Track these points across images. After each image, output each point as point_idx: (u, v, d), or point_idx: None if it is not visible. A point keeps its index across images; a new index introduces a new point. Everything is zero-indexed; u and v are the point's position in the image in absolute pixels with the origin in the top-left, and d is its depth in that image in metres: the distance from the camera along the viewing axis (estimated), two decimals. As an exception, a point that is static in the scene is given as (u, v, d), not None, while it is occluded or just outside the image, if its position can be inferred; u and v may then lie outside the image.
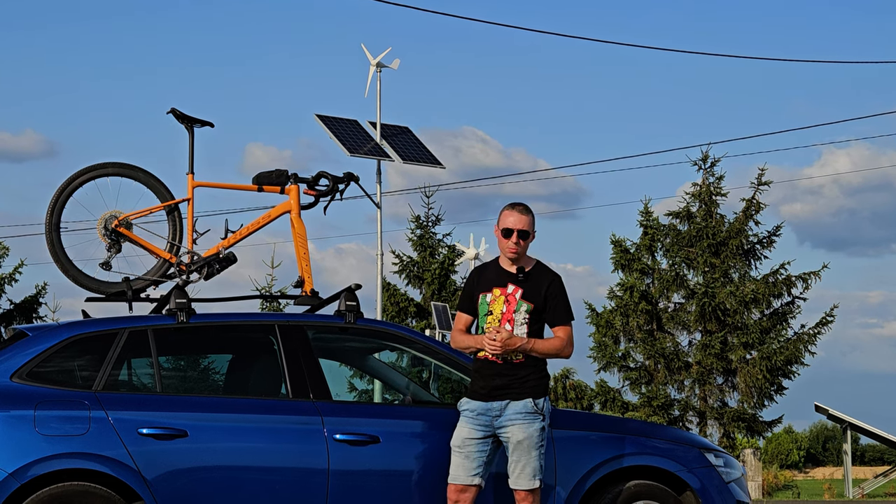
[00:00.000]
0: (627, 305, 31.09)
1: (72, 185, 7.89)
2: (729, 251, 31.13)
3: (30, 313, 31.84)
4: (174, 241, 7.98)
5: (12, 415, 6.94)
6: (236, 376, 8.07)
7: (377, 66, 23.03)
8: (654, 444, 7.84)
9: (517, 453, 7.14)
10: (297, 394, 7.41)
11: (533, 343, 7.18)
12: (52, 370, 7.19)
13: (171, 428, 7.10)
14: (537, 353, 7.20)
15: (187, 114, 8.02)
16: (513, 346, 7.12)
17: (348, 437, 7.31)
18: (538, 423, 7.16)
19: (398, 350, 8.41)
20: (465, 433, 7.20)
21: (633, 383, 31.36)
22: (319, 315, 7.95)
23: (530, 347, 7.17)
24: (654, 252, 31.78)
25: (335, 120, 21.96)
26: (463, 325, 7.41)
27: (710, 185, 31.61)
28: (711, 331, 30.82)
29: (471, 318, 7.41)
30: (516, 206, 7.33)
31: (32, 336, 7.35)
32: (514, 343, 7.12)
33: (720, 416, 30.91)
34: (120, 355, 7.32)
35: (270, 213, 8.12)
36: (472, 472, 7.16)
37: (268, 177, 8.10)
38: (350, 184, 8.28)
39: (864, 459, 69.97)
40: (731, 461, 8.12)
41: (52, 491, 6.88)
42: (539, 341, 7.21)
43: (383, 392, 17.49)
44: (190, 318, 7.49)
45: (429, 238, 33.72)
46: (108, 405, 7.08)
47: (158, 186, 8.02)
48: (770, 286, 30.97)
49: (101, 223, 7.87)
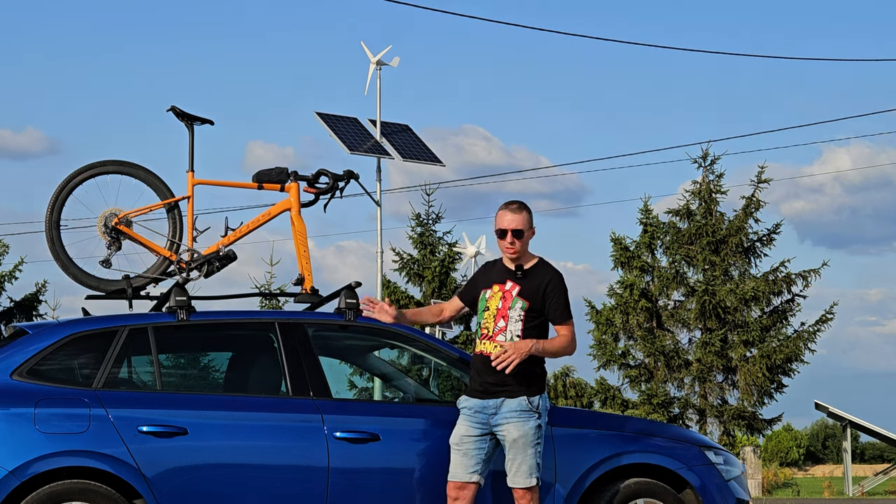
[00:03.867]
0: (627, 303, 31.09)
1: (72, 182, 7.90)
2: (729, 249, 31.13)
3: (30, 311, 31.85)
4: (174, 239, 7.98)
5: (12, 412, 6.94)
6: (236, 374, 8.07)
7: (377, 63, 23.02)
8: (654, 442, 7.84)
9: (513, 451, 7.13)
10: (297, 391, 7.41)
11: (543, 344, 7.16)
12: (52, 368, 7.20)
13: (171, 426, 7.10)
14: (548, 355, 7.20)
15: (187, 111, 8.03)
16: (524, 351, 7.10)
17: (348, 434, 7.31)
18: (533, 421, 7.14)
19: (398, 348, 8.42)
20: (463, 431, 7.20)
21: (633, 381, 31.37)
22: (319, 313, 7.95)
23: (541, 348, 7.15)
24: (654, 250, 31.78)
25: (335, 118, 21.95)
26: (449, 305, 7.51)
27: (710, 183, 31.60)
28: (711, 328, 30.82)
29: (461, 305, 7.48)
30: (510, 205, 7.32)
31: (32, 334, 7.36)
32: (524, 348, 7.09)
33: (720, 414, 30.91)
34: (120, 353, 7.32)
35: (270, 211, 8.12)
36: (470, 470, 7.16)
37: (268, 175, 8.11)
38: (350, 181, 8.28)
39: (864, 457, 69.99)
40: (731, 459, 8.12)
41: (52, 489, 6.88)
42: (547, 342, 7.19)
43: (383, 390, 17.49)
44: (190, 316, 7.49)
45: (429, 236, 33.72)
46: (109, 403, 7.08)
47: (158, 184, 8.02)
48: (770, 284, 30.97)
49: (102, 221, 7.87)
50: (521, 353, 7.06)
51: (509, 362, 7.03)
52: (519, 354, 7.05)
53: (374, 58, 23.04)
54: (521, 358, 7.05)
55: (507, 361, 7.03)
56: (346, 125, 22.01)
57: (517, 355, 7.04)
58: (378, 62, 23.03)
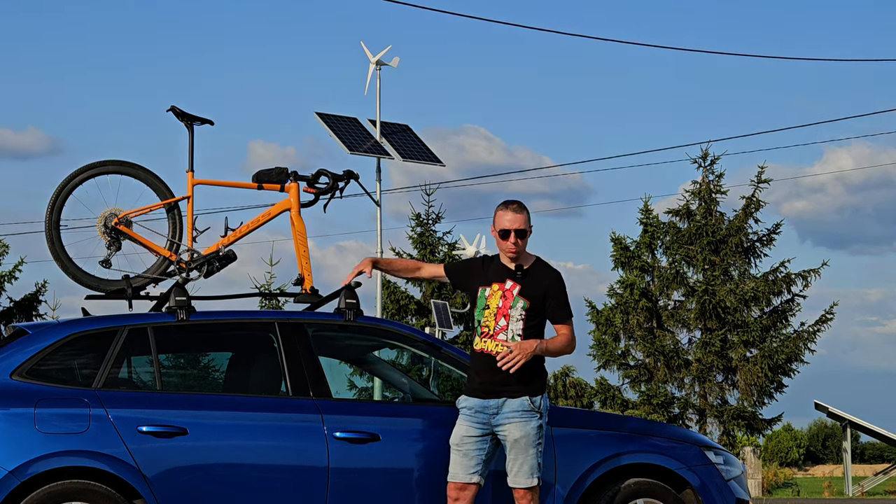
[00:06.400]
0: (627, 303, 31.08)
1: (72, 182, 7.90)
2: (729, 249, 31.11)
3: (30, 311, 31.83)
4: (174, 239, 7.98)
5: (12, 413, 6.94)
6: (236, 374, 8.08)
7: (377, 63, 23.03)
8: (654, 442, 7.84)
9: (514, 451, 7.13)
10: (297, 391, 7.41)
11: (546, 344, 7.17)
12: (52, 368, 7.20)
13: (170, 426, 7.11)
14: (551, 354, 7.20)
15: (187, 111, 8.03)
16: (529, 351, 7.10)
17: (348, 434, 7.31)
18: (535, 421, 7.15)
19: (398, 348, 8.42)
20: (464, 431, 7.20)
21: (633, 381, 31.35)
22: (319, 313, 7.95)
23: (545, 347, 7.15)
24: (654, 250, 31.76)
25: (335, 118, 21.97)
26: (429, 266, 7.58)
27: (710, 183, 31.58)
28: (711, 328, 30.81)
29: (442, 275, 7.49)
30: (510, 204, 7.31)
31: (32, 334, 7.36)
32: (529, 347, 7.10)
33: (720, 414, 30.90)
34: (120, 353, 7.32)
35: (270, 211, 8.12)
36: (470, 471, 7.15)
37: (267, 175, 8.11)
38: (350, 182, 8.28)
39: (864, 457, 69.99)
40: (730, 459, 8.13)
41: (51, 489, 6.88)
42: (549, 341, 7.19)
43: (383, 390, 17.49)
44: (190, 316, 7.49)
45: (429, 236, 33.72)
46: (108, 403, 7.09)
47: (158, 184, 8.02)
48: (770, 284, 30.96)
49: (101, 221, 7.88)
50: (527, 353, 7.06)
51: (515, 362, 7.04)
52: (524, 354, 7.05)
53: (373, 58, 23.05)
54: (527, 358, 7.05)
55: (513, 361, 7.03)
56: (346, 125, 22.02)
57: (523, 355, 7.04)
58: (378, 62, 23.03)
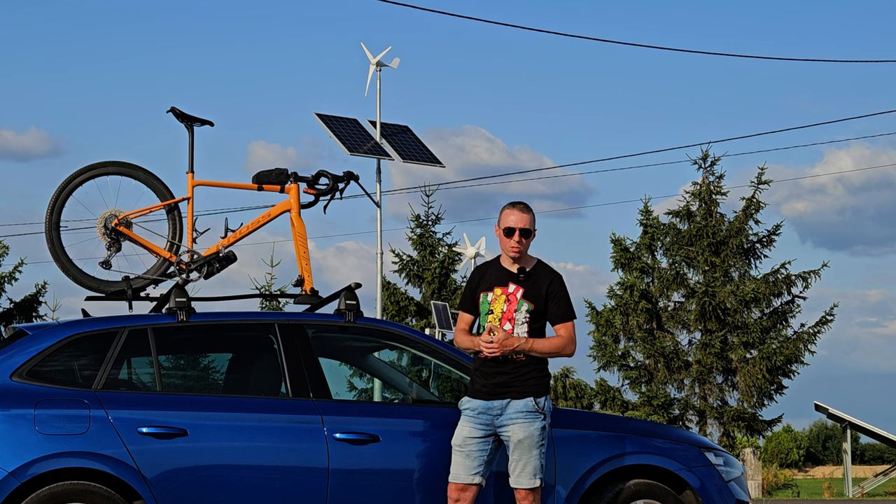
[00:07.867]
0: (627, 304, 31.08)
1: (72, 183, 7.90)
2: (729, 250, 31.11)
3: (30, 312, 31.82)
4: (174, 240, 7.99)
5: (12, 413, 6.94)
6: (236, 375, 8.07)
7: (377, 64, 23.03)
8: (654, 443, 7.84)
9: (518, 452, 7.14)
10: (297, 393, 7.41)
11: (532, 343, 7.18)
12: (51, 369, 7.20)
13: (170, 427, 7.10)
14: (537, 353, 7.20)
15: (187, 113, 8.03)
16: (510, 347, 7.13)
17: (348, 436, 7.31)
18: (539, 423, 7.16)
19: (398, 349, 8.42)
20: (466, 432, 7.20)
21: (633, 382, 31.35)
22: (319, 314, 7.95)
23: (529, 347, 7.17)
24: (654, 251, 31.76)
25: (335, 119, 21.96)
26: (465, 325, 7.42)
27: (710, 184, 31.59)
28: (711, 330, 30.81)
29: (472, 318, 7.43)
30: (517, 204, 7.34)
31: (32, 335, 7.36)
32: (512, 343, 7.12)
33: (720, 416, 30.90)
34: (120, 354, 7.32)
35: (270, 212, 8.13)
36: (472, 471, 7.16)
37: (267, 176, 8.11)
38: (350, 183, 8.29)
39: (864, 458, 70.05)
40: (730, 460, 8.12)
41: (51, 490, 6.88)
42: (539, 341, 7.20)
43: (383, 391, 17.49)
44: (190, 317, 7.49)
45: (429, 237, 33.70)
46: (108, 404, 7.08)
47: (158, 185, 8.02)
48: (770, 285, 30.95)
49: (101, 222, 7.88)
50: (507, 348, 7.12)
51: (491, 351, 7.11)
52: (502, 348, 7.11)
53: (373, 59, 23.05)
54: (504, 353, 7.10)
55: (488, 350, 7.12)
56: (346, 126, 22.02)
57: (500, 349, 7.12)
58: (378, 63, 23.03)
